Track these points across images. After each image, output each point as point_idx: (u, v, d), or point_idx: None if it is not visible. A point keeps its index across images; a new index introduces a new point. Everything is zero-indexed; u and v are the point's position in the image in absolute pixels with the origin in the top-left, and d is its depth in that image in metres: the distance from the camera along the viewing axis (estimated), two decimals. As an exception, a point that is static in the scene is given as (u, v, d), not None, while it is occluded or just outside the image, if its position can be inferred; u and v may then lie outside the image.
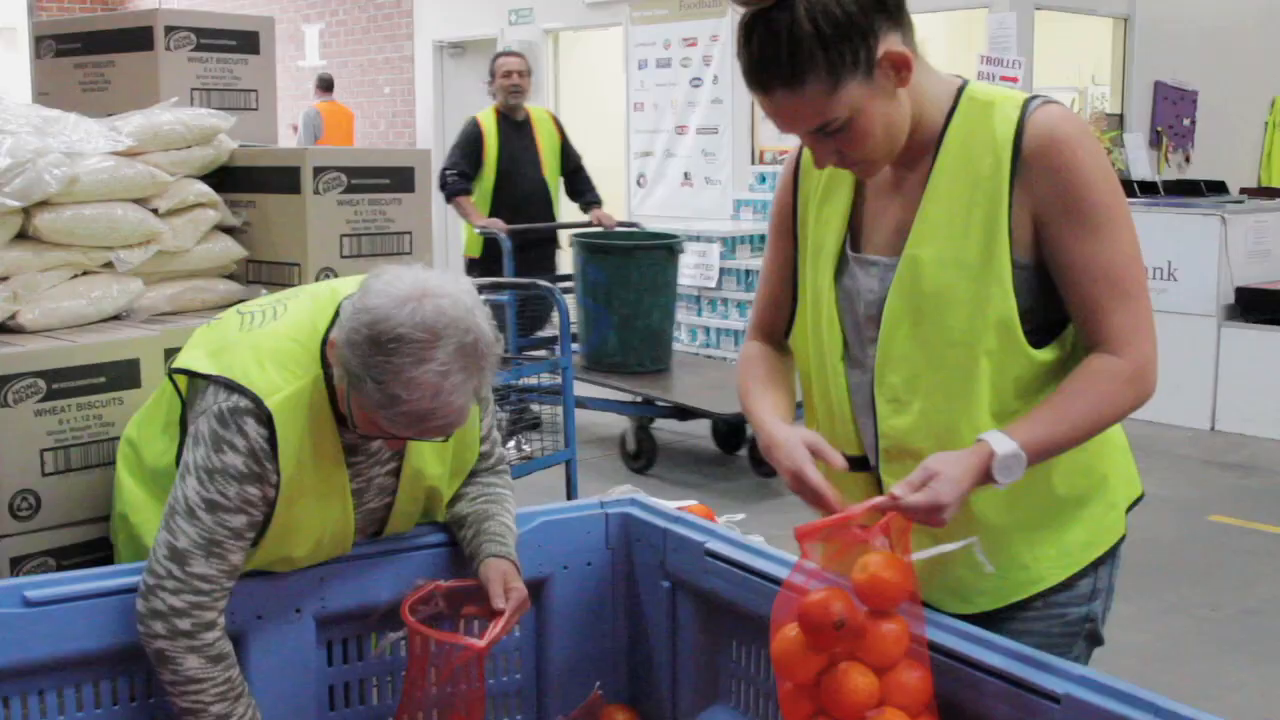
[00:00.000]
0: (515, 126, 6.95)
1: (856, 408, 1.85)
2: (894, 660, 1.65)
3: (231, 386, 1.94)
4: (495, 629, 2.00)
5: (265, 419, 1.92)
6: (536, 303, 6.51)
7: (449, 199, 6.88)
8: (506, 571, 2.07)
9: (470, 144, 6.89)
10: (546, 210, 7.01)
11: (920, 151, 1.76)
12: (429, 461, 2.13)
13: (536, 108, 7.15)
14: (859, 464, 1.86)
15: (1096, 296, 1.69)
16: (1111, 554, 1.86)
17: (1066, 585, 1.82)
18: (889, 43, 1.64)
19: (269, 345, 1.98)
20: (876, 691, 1.64)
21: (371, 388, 1.81)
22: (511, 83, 6.89)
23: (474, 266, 6.95)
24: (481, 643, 1.98)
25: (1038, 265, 1.72)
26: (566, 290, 7.04)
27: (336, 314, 1.97)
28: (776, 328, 2.01)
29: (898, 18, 1.66)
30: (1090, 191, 1.68)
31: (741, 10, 1.64)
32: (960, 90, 1.77)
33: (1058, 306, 1.74)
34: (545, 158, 7.00)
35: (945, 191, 1.74)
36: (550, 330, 6.89)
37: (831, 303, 1.84)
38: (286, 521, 1.98)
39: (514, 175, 6.88)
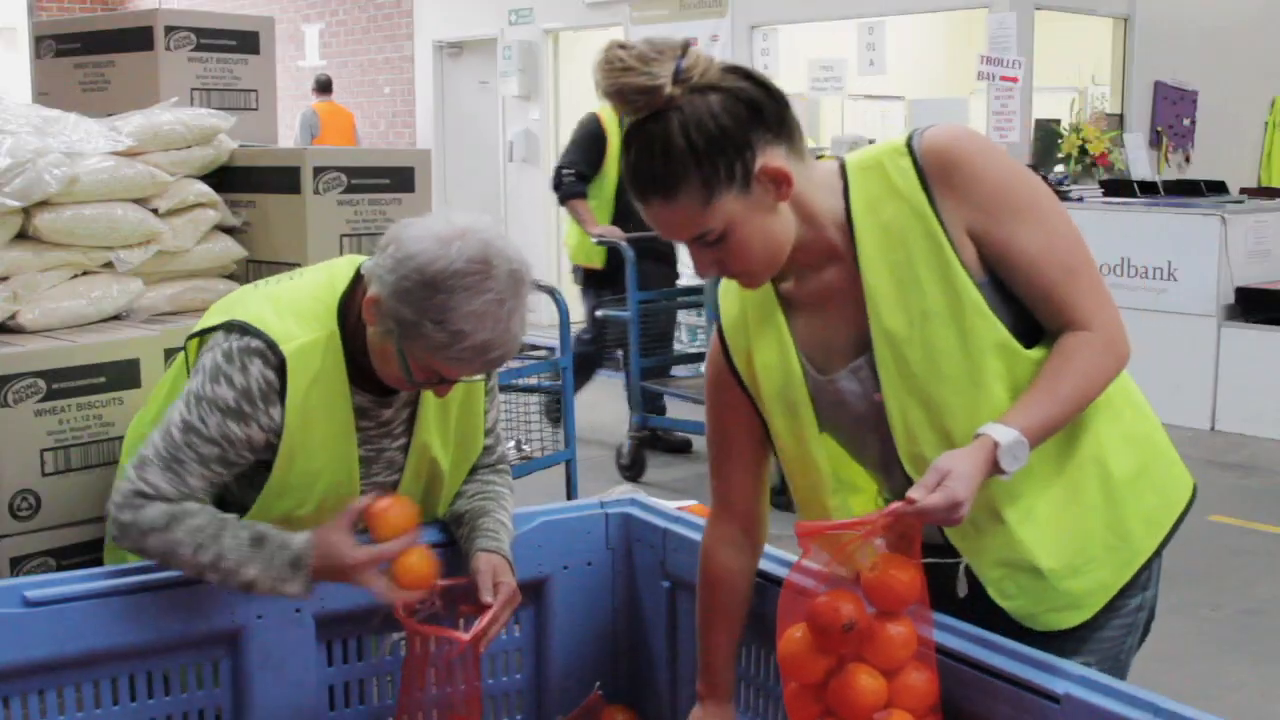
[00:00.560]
0: None
1: (893, 493, 1.81)
2: (901, 663, 1.65)
3: (245, 330, 1.96)
4: (483, 622, 1.99)
5: (278, 365, 1.94)
6: (653, 319, 6.01)
7: (563, 200, 6.25)
8: (497, 565, 2.07)
9: (591, 142, 6.17)
10: None
11: (830, 248, 1.73)
12: (435, 438, 2.13)
13: None
14: None
15: (1050, 282, 1.69)
16: (1175, 528, 1.84)
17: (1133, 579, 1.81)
18: (768, 157, 1.63)
19: (286, 299, 2.01)
20: (884, 693, 1.64)
21: (432, 329, 1.83)
22: None
23: (595, 278, 6.26)
24: (466, 636, 1.98)
25: (993, 277, 1.71)
26: (693, 305, 6.66)
27: (355, 278, 1.99)
28: (750, 494, 1.95)
29: (779, 131, 1.64)
30: (1008, 189, 1.69)
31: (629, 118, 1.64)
32: (843, 168, 1.75)
33: (1026, 307, 1.73)
34: None
35: (880, 260, 1.71)
36: (696, 347, 6.47)
37: (816, 439, 1.81)
38: (288, 475, 1.99)
39: None
